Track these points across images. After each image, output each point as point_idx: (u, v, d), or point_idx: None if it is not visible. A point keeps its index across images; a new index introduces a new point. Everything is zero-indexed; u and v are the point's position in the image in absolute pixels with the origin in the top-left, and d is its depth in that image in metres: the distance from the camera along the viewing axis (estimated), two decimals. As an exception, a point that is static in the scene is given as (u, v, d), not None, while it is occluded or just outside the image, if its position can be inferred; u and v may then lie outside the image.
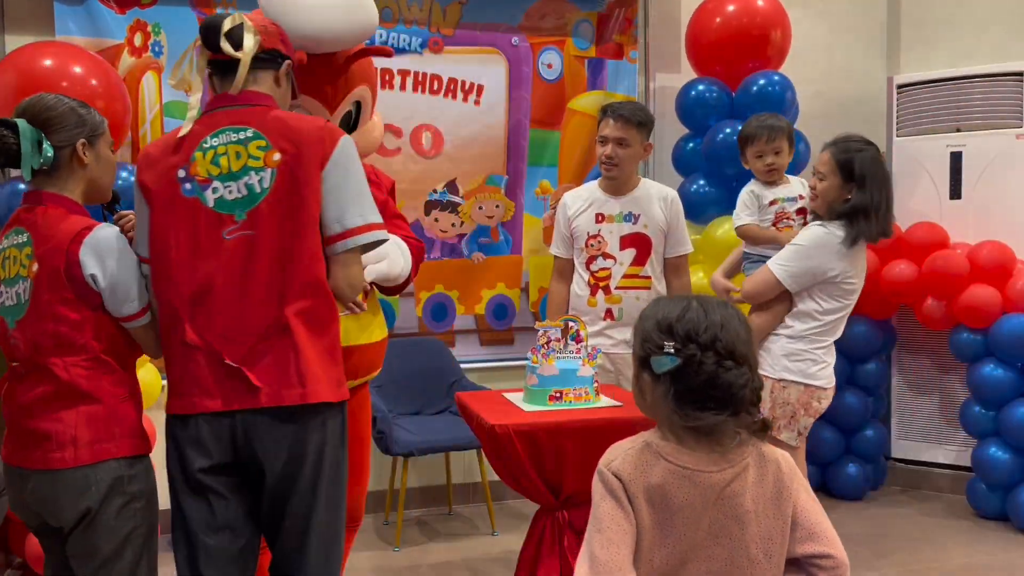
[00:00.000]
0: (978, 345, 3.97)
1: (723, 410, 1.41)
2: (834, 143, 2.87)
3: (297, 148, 1.83)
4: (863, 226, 2.77)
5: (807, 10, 4.58)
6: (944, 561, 3.55)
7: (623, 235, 3.29)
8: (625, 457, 1.46)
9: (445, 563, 3.59)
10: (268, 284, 1.81)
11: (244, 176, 1.82)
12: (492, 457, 2.63)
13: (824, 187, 2.84)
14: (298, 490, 1.86)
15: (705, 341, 1.42)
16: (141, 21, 3.71)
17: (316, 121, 1.90)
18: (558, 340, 2.71)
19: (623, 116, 3.22)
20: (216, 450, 1.82)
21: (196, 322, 1.82)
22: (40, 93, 1.99)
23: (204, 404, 1.80)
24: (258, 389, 1.79)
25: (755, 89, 3.98)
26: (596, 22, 4.35)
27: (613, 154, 3.22)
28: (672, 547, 1.43)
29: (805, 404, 2.84)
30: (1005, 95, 4.11)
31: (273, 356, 1.81)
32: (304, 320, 1.83)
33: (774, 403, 2.82)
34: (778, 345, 2.87)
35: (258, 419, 1.81)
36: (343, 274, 1.89)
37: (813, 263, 2.80)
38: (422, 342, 4.17)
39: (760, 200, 3.09)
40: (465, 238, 4.24)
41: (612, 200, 3.31)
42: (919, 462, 4.46)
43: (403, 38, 4.07)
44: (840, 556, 1.48)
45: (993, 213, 4.11)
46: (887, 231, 2.84)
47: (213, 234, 1.82)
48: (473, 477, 4.25)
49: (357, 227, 1.87)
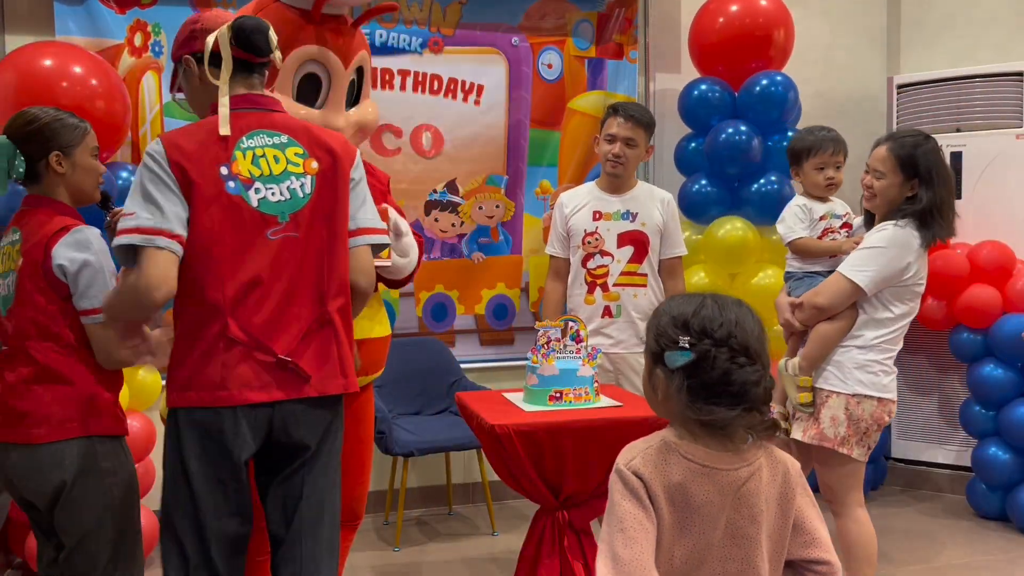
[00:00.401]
0: (978, 345, 3.97)
1: (736, 405, 1.41)
2: (890, 138, 2.71)
3: (332, 159, 1.98)
4: (936, 226, 2.61)
5: (807, 10, 4.58)
6: (944, 561, 3.55)
7: (621, 232, 3.30)
8: (645, 456, 1.45)
9: (445, 563, 3.59)
10: (314, 282, 1.94)
11: (286, 180, 1.93)
12: (492, 457, 2.63)
13: (883, 185, 2.64)
14: (321, 468, 1.99)
15: (720, 336, 1.42)
16: (141, 21, 3.71)
17: (339, 136, 2.07)
18: (558, 340, 2.71)
19: (633, 116, 3.26)
20: (253, 441, 1.89)
21: (240, 317, 1.86)
22: (27, 108, 2.20)
23: (246, 396, 1.86)
24: (308, 378, 1.91)
25: (758, 89, 3.99)
26: (596, 22, 4.35)
27: (621, 152, 3.26)
28: (691, 546, 1.44)
29: (879, 419, 2.66)
30: (1005, 95, 4.11)
31: (319, 348, 1.94)
32: (341, 315, 1.99)
33: (848, 420, 2.64)
34: (848, 357, 2.66)
35: (298, 407, 1.92)
36: (360, 268, 2.03)
37: (893, 265, 2.60)
38: (422, 342, 4.17)
39: (812, 214, 2.93)
40: (465, 238, 4.24)
41: (610, 198, 3.34)
42: (919, 462, 4.46)
43: (403, 38, 4.07)
44: (835, 563, 1.51)
45: (993, 213, 4.10)
46: (952, 230, 2.67)
47: (258, 234, 1.89)
48: (473, 477, 4.25)
49: (370, 227, 2.05)
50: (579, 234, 3.33)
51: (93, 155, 2.21)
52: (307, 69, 2.30)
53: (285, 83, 2.28)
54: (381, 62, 4.03)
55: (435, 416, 4.03)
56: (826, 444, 2.65)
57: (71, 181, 2.17)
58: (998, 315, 3.89)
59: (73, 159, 2.16)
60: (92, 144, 2.21)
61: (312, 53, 2.29)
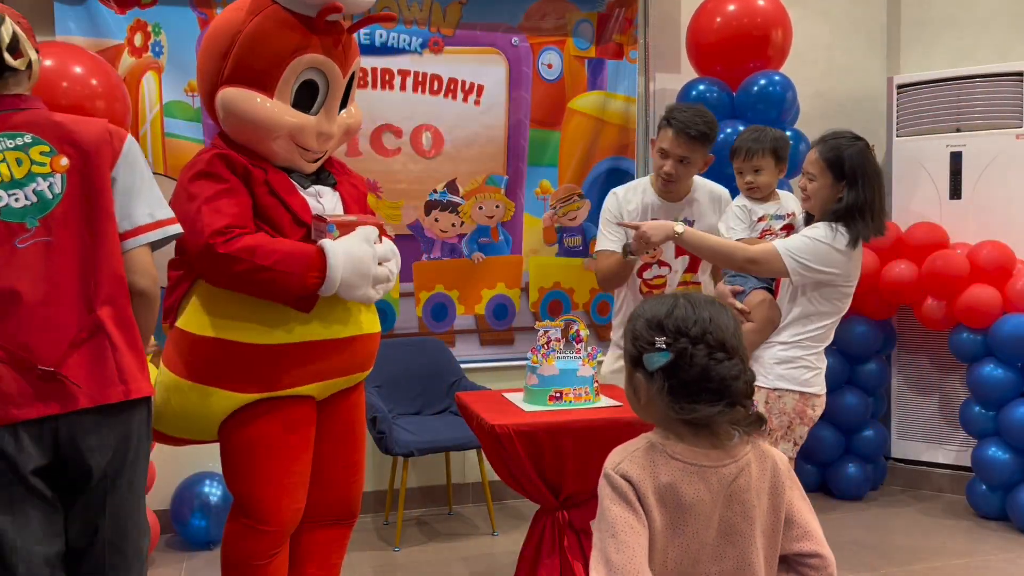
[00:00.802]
0: (978, 345, 3.97)
1: (717, 402, 1.42)
2: (821, 140, 2.75)
3: (84, 151, 1.85)
4: (860, 226, 2.67)
5: (807, 10, 4.58)
6: (944, 561, 3.55)
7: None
8: (632, 458, 1.46)
9: (445, 563, 3.59)
10: (76, 288, 1.83)
11: (31, 183, 1.81)
12: (492, 457, 2.63)
13: (815, 187, 2.72)
14: (120, 485, 1.89)
15: (695, 334, 1.43)
16: (141, 21, 3.71)
17: (98, 122, 1.92)
18: (558, 340, 2.71)
19: (688, 135, 2.89)
20: (39, 454, 1.80)
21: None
22: None
23: (12, 414, 1.76)
24: (78, 390, 1.81)
25: (756, 89, 3.98)
26: (596, 22, 4.35)
27: (673, 171, 2.96)
28: (685, 546, 1.43)
29: (800, 413, 2.74)
30: (1005, 95, 4.11)
31: (90, 357, 1.83)
32: (115, 320, 1.87)
33: (769, 413, 2.72)
34: (770, 353, 2.76)
35: (83, 419, 1.82)
36: (138, 270, 1.92)
37: (823, 261, 2.67)
38: (422, 342, 4.17)
39: (751, 215, 2.96)
40: (465, 238, 4.24)
41: (668, 206, 3.09)
42: (919, 462, 4.46)
43: (403, 38, 4.07)
44: (829, 556, 1.51)
45: (993, 213, 4.11)
46: (881, 229, 2.73)
47: (4, 244, 1.79)
48: (473, 477, 4.25)
49: (147, 224, 1.93)
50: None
51: None
52: (306, 76, 2.28)
53: (284, 90, 2.27)
54: (381, 62, 4.03)
55: (435, 416, 4.03)
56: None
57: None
58: (998, 315, 3.89)
59: None
60: None
61: (317, 61, 2.28)
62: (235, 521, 2.34)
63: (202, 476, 3.72)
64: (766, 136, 2.95)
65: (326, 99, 2.33)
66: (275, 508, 2.30)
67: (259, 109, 2.25)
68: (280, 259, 2.15)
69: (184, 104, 3.77)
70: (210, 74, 2.31)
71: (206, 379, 2.25)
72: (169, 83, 3.74)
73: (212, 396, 2.26)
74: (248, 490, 2.31)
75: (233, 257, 2.12)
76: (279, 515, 2.31)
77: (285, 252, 2.17)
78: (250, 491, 2.31)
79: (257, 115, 2.25)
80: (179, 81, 3.74)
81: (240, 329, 2.22)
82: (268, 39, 2.23)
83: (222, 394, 2.25)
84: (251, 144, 2.30)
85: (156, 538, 3.53)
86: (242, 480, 2.32)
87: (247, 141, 2.30)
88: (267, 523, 2.30)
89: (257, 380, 2.26)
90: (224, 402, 2.27)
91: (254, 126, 2.26)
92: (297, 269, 2.17)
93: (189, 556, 3.63)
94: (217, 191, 2.19)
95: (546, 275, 4.35)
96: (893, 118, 4.39)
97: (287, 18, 2.25)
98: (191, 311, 2.26)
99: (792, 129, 4.06)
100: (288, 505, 2.33)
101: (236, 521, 2.34)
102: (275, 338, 2.23)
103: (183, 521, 3.68)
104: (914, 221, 4.18)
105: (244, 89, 2.25)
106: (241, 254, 2.12)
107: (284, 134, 2.27)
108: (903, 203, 4.31)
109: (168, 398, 2.28)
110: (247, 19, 2.24)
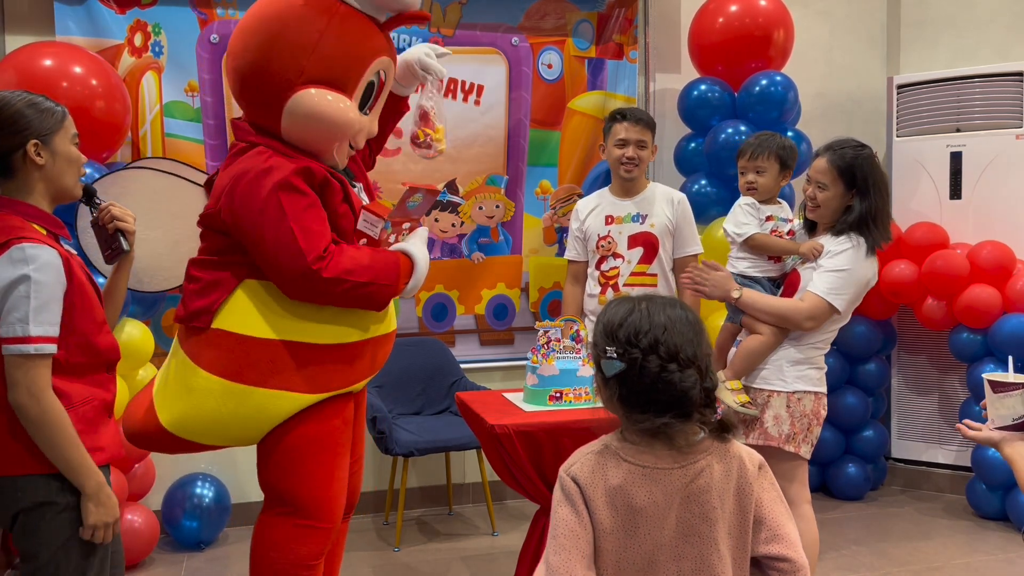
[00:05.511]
0: (978, 345, 3.97)
1: (666, 412, 1.41)
2: (829, 148, 2.72)
3: None
4: (877, 233, 2.66)
5: (807, 10, 4.58)
6: (944, 561, 3.55)
7: (631, 234, 3.40)
8: (584, 460, 1.47)
9: (445, 563, 3.59)
10: None
11: None
12: (492, 457, 2.63)
13: (826, 197, 2.68)
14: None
15: (646, 345, 1.42)
16: (141, 21, 3.71)
17: None
18: (558, 340, 2.71)
19: (640, 119, 3.38)
20: None
21: None
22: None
23: None
24: None
25: (757, 89, 3.98)
26: (596, 22, 4.35)
27: (635, 155, 3.36)
28: (639, 548, 1.44)
29: (816, 413, 2.73)
30: (1005, 95, 4.11)
31: None
32: None
33: (792, 417, 2.69)
34: (785, 356, 2.72)
35: None
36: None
37: (861, 284, 2.68)
38: (422, 342, 4.17)
39: (760, 212, 2.93)
40: (465, 238, 4.24)
41: (621, 202, 3.45)
42: (919, 462, 4.46)
43: (403, 38, 4.06)
44: (799, 560, 1.49)
45: (993, 213, 4.11)
46: (889, 236, 2.73)
47: None
48: (473, 477, 4.25)
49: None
50: (593, 238, 3.45)
51: (74, 143, 1.93)
52: (369, 78, 2.24)
53: (357, 92, 2.22)
54: (381, 62, 4.02)
55: (435, 416, 4.03)
56: (771, 443, 2.68)
57: (51, 174, 1.89)
58: (998, 315, 3.89)
59: (53, 147, 1.88)
60: (72, 130, 1.93)
61: (386, 64, 2.26)
62: (283, 525, 2.24)
63: (194, 477, 3.71)
64: (773, 140, 2.95)
65: (376, 99, 2.31)
66: (335, 505, 2.28)
67: (348, 112, 2.18)
68: (377, 274, 2.17)
69: (184, 104, 3.77)
70: (279, 72, 2.13)
71: (270, 383, 2.16)
72: (169, 83, 3.74)
73: (279, 399, 2.18)
74: (308, 490, 2.24)
75: (336, 280, 2.11)
76: (337, 512, 2.29)
77: (379, 266, 2.19)
78: (310, 490, 2.24)
79: (344, 118, 2.17)
80: (179, 81, 3.75)
81: (312, 331, 2.19)
82: (354, 40, 2.18)
83: (290, 396, 2.18)
84: (314, 145, 2.20)
85: (157, 538, 3.54)
86: (300, 480, 2.23)
87: (312, 141, 2.19)
88: (327, 520, 2.26)
89: (330, 379, 2.23)
90: (290, 404, 2.19)
91: (335, 129, 2.18)
92: (392, 280, 2.21)
93: (189, 556, 3.63)
94: (304, 206, 2.11)
95: (546, 275, 4.36)
96: (893, 118, 4.39)
97: (363, 19, 2.22)
98: (241, 313, 2.18)
99: (794, 130, 4.06)
100: (342, 501, 2.32)
101: (285, 525, 2.23)
102: (351, 336, 2.24)
103: (175, 523, 3.66)
104: (914, 221, 4.18)
105: (326, 90, 2.15)
106: (342, 275, 2.12)
107: (352, 135, 2.24)
108: (903, 203, 4.31)
109: (218, 405, 2.17)
110: (323, 18, 2.14)
